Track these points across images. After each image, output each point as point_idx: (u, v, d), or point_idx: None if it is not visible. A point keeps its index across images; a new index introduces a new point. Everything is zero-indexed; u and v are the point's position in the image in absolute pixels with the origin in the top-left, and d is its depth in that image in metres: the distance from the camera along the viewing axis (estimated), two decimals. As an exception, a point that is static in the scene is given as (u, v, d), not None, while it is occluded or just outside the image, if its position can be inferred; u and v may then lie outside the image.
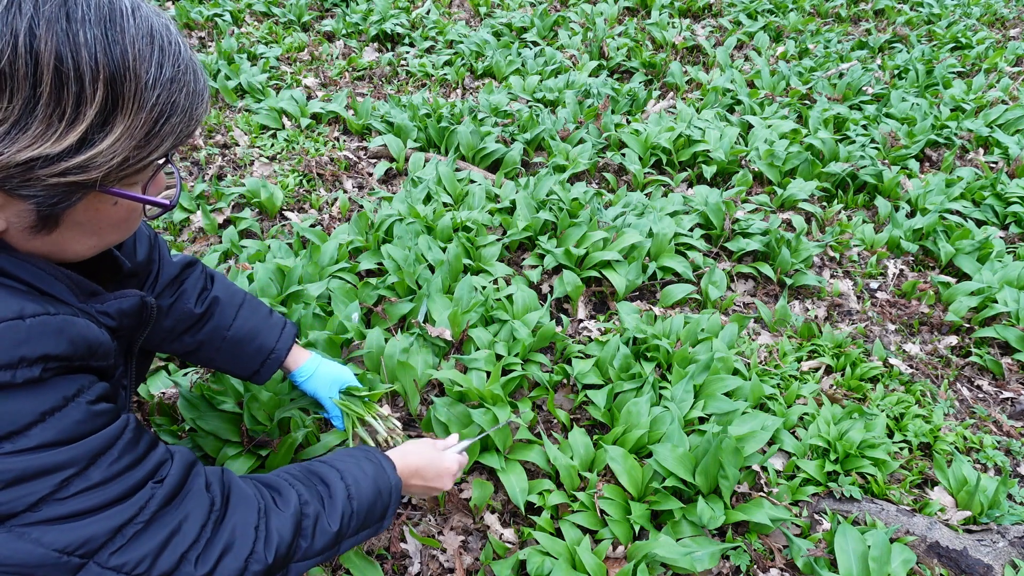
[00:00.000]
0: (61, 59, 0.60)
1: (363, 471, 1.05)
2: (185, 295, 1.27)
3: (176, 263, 1.28)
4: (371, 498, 1.03)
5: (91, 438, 0.74)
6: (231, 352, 1.33)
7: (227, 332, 1.31)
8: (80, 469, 0.73)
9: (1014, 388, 2.14)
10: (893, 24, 4.92)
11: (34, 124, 0.62)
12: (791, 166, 3.04)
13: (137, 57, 0.65)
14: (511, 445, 1.70)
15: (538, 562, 1.44)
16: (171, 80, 0.69)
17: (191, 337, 1.29)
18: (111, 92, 0.64)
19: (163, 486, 0.80)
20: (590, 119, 3.32)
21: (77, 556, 0.72)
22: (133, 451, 0.79)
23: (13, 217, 0.70)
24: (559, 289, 2.24)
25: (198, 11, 4.29)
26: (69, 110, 0.62)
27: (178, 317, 1.26)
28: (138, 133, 0.68)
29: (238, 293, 1.36)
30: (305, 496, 0.95)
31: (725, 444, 1.58)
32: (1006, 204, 2.89)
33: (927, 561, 1.58)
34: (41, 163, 0.63)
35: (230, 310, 1.32)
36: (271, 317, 1.38)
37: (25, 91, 0.60)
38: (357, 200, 2.72)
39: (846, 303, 2.45)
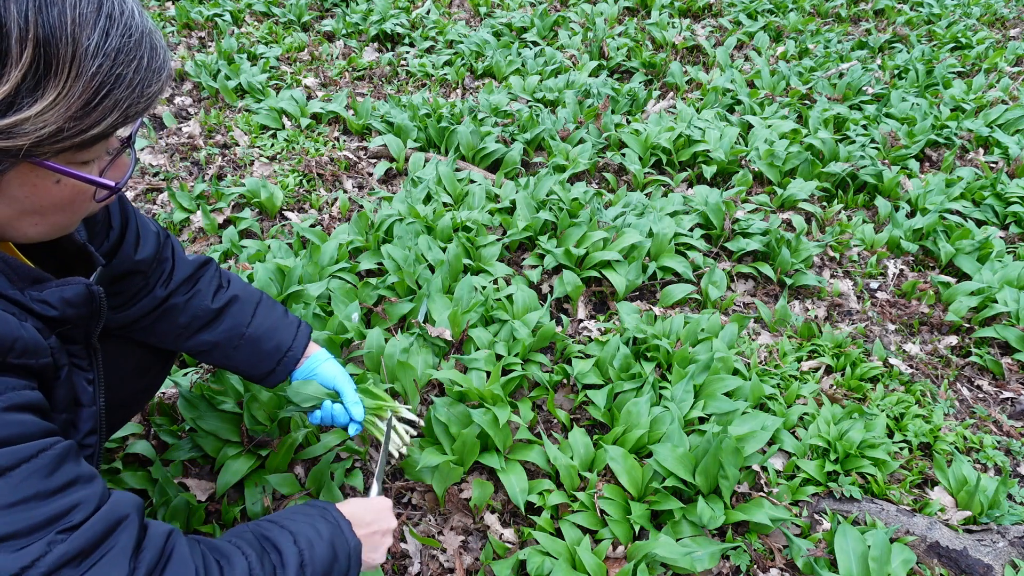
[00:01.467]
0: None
1: (318, 533, 0.94)
2: (200, 293, 1.25)
3: (191, 262, 1.26)
4: (327, 564, 0.91)
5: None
6: (249, 351, 1.29)
7: (245, 330, 1.28)
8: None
9: (1014, 388, 2.14)
10: (893, 24, 4.92)
11: None
12: (791, 166, 3.04)
13: (77, 21, 0.61)
14: (511, 445, 1.70)
15: (538, 562, 1.44)
16: (117, 51, 0.64)
17: (208, 335, 1.26)
18: (43, 55, 0.60)
19: (69, 539, 0.66)
20: (590, 119, 3.32)
21: None
22: (43, 480, 0.66)
23: None
24: (559, 289, 2.24)
25: (198, 11, 4.29)
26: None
27: (194, 314, 1.24)
28: (75, 104, 0.63)
29: (255, 292, 1.34)
30: (256, 569, 0.83)
31: (725, 444, 1.58)
32: (1006, 204, 2.89)
33: (927, 561, 1.58)
34: None
35: (248, 308, 1.29)
36: (287, 316, 1.36)
37: None
38: (357, 200, 2.72)
39: (846, 303, 2.45)
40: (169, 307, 1.22)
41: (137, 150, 0.75)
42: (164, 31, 4.12)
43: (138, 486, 1.52)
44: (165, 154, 2.92)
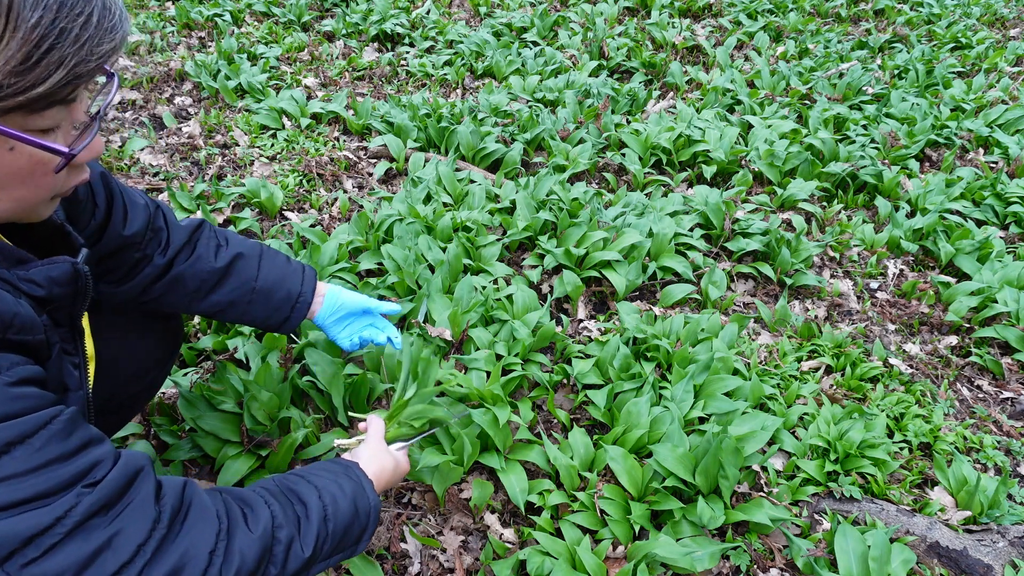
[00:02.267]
0: None
1: (342, 489, 0.98)
2: (201, 257, 1.25)
3: (185, 227, 1.26)
4: (348, 520, 0.96)
5: (7, 423, 0.65)
6: (262, 303, 1.30)
7: (255, 283, 1.29)
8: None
9: (1014, 388, 2.14)
10: (893, 24, 4.92)
11: None
12: (791, 166, 3.04)
13: None
14: (511, 445, 1.70)
15: (538, 562, 1.44)
16: (60, 4, 0.61)
17: (219, 295, 1.27)
18: None
19: (95, 491, 0.69)
20: (590, 119, 3.32)
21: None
22: (61, 443, 0.68)
23: None
24: (559, 289, 2.24)
25: (198, 11, 4.29)
26: None
27: (201, 278, 1.25)
28: (14, 57, 0.60)
29: (256, 245, 1.34)
30: (279, 517, 0.87)
31: (725, 444, 1.58)
32: (1006, 204, 2.89)
33: (927, 561, 1.58)
34: None
35: (252, 262, 1.30)
36: (290, 264, 1.37)
37: None
38: (357, 200, 2.72)
39: (846, 303, 2.45)
40: (175, 276, 1.23)
41: (105, 125, 0.68)
42: (164, 31, 4.12)
43: (138, 486, 1.52)
44: (165, 154, 2.92)
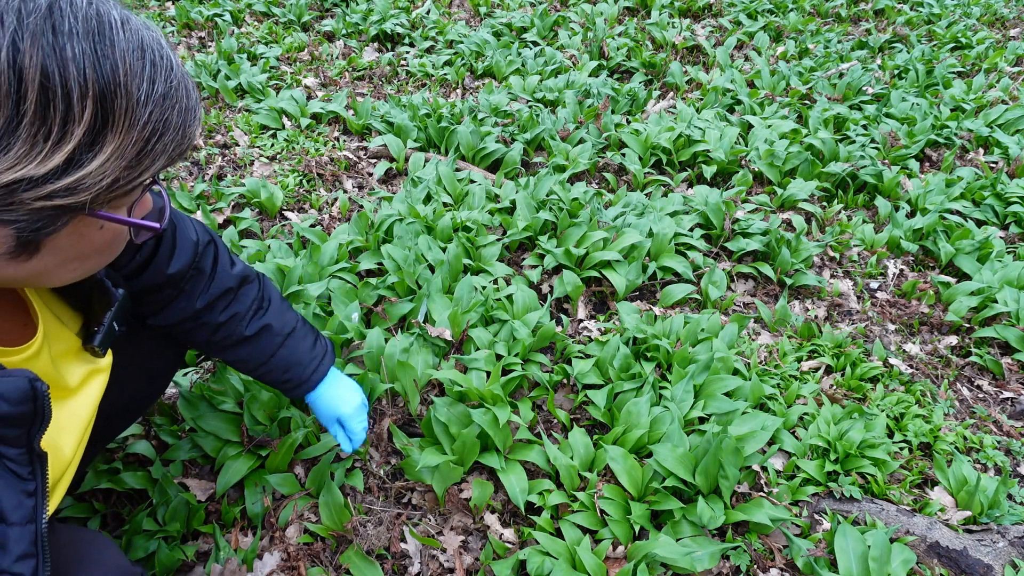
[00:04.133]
0: (47, 75, 0.56)
1: None
2: (237, 317, 1.27)
3: (234, 275, 1.26)
4: None
5: None
6: (267, 375, 1.35)
7: (269, 359, 1.32)
8: None
9: (1014, 388, 2.14)
10: (893, 24, 4.92)
11: (16, 144, 0.56)
12: (791, 166, 3.04)
13: (128, 72, 0.61)
14: (511, 445, 1.70)
15: (538, 562, 1.44)
16: (164, 96, 0.64)
17: (233, 353, 1.31)
18: (100, 109, 0.59)
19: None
20: (590, 119, 3.32)
21: None
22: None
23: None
24: (559, 289, 2.24)
25: (198, 11, 4.29)
26: (55, 129, 0.57)
27: (227, 335, 1.28)
28: (129, 152, 0.63)
29: (291, 320, 1.35)
30: None
31: (725, 444, 1.58)
32: (1006, 204, 2.89)
33: (927, 561, 1.58)
34: (25, 185, 0.58)
35: (278, 339, 1.32)
36: (314, 348, 1.38)
37: (7, 109, 0.55)
38: (357, 200, 2.72)
39: (846, 303, 2.45)
40: (204, 323, 1.25)
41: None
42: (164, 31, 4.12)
43: (138, 486, 1.52)
44: (165, 154, 2.92)
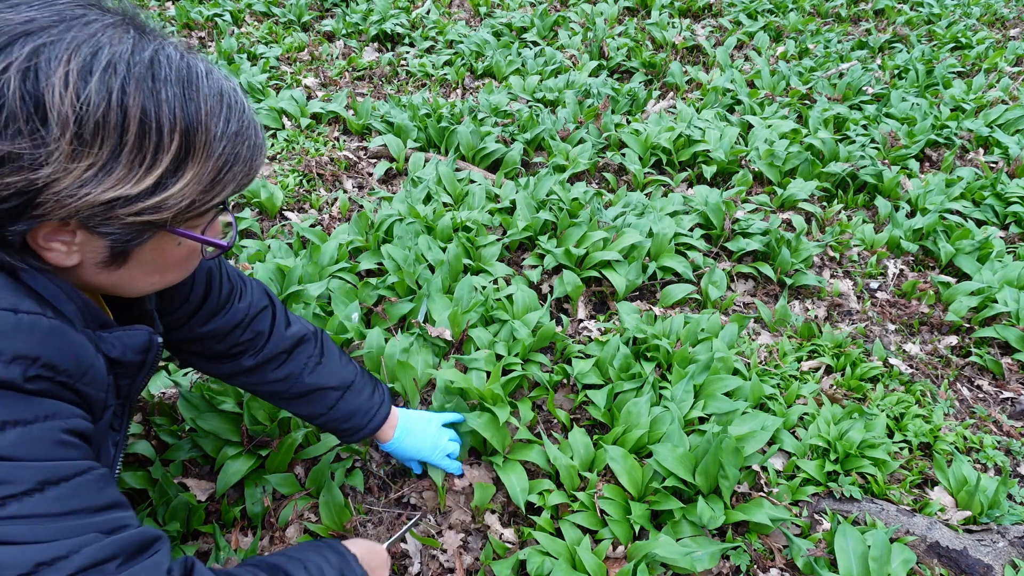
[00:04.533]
0: (146, 113, 0.68)
1: (327, 561, 1.03)
2: (291, 376, 1.32)
3: (289, 336, 1.33)
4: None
5: (47, 464, 0.70)
6: (326, 425, 1.41)
7: (328, 412, 1.38)
8: (22, 492, 0.68)
9: (1014, 388, 2.14)
10: (893, 24, 4.92)
11: (118, 168, 0.69)
12: (791, 166, 3.04)
13: (209, 113, 0.73)
14: (511, 445, 1.70)
15: (538, 562, 1.44)
16: (235, 134, 0.76)
17: (290, 405, 1.38)
18: (185, 142, 0.72)
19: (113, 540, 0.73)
20: (590, 119, 3.32)
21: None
22: (90, 497, 0.74)
23: (88, 253, 0.76)
24: (559, 289, 2.24)
25: (198, 11, 4.29)
26: (148, 156, 0.70)
27: (282, 391, 1.34)
28: (205, 179, 0.75)
29: (349, 375, 1.41)
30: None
31: (725, 444, 1.58)
32: (1006, 204, 2.89)
33: (927, 561, 1.58)
34: (121, 203, 0.70)
35: (337, 394, 1.38)
36: (372, 398, 1.44)
37: (113, 139, 0.67)
38: (357, 200, 2.72)
39: (846, 303, 2.45)
40: (258, 380, 1.32)
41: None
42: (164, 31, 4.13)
43: (138, 486, 1.52)
44: (165, 154, 2.92)
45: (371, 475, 1.69)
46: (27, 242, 0.73)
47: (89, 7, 0.70)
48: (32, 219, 0.69)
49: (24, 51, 0.64)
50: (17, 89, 0.63)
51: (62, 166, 0.66)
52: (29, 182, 0.66)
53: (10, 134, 0.64)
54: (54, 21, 0.66)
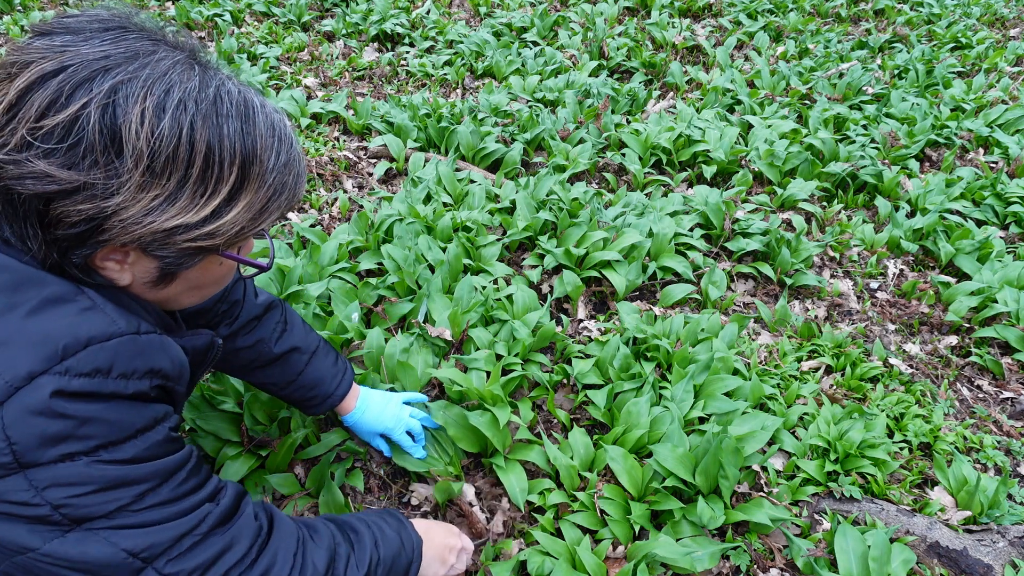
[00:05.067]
0: (210, 148, 0.73)
1: (387, 523, 1.16)
2: (263, 341, 1.37)
3: (259, 304, 1.38)
4: (395, 550, 1.12)
5: (167, 459, 0.82)
6: (294, 393, 1.45)
7: (297, 378, 1.42)
8: (155, 485, 0.80)
9: (1014, 388, 2.14)
10: (893, 24, 4.92)
11: (182, 198, 0.73)
12: (791, 166, 3.04)
13: (263, 147, 0.78)
14: (511, 445, 1.70)
15: (538, 562, 1.44)
16: (284, 165, 0.82)
17: (263, 376, 1.41)
18: (241, 173, 0.77)
19: (218, 507, 0.88)
20: (590, 119, 3.32)
21: (140, 559, 0.79)
22: (197, 475, 0.87)
23: (140, 272, 0.81)
24: (559, 289, 2.24)
25: (198, 11, 4.29)
26: (210, 187, 0.75)
27: (254, 358, 1.38)
28: (255, 207, 0.80)
29: (313, 340, 1.47)
30: (338, 536, 1.04)
31: (725, 444, 1.58)
32: (1006, 204, 2.89)
33: (927, 561, 1.58)
34: (180, 230, 0.75)
35: (304, 357, 1.43)
36: (336, 364, 1.49)
37: (180, 172, 0.72)
38: (357, 200, 2.72)
39: (846, 303, 2.45)
40: (232, 349, 1.35)
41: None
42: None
43: (138, 486, 1.52)
44: (165, 154, 2.92)
45: (371, 475, 1.69)
46: (87, 262, 0.77)
47: (157, 42, 0.75)
48: (98, 243, 0.74)
49: (104, 87, 0.68)
50: (96, 123, 0.68)
51: (131, 195, 0.71)
52: (100, 209, 0.70)
53: (87, 164, 0.69)
54: (128, 57, 0.71)
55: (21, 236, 0.73)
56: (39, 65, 0.68)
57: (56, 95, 0.67)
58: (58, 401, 0.70)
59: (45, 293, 0.74)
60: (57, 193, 0.69)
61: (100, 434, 0.74)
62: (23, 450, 0.70)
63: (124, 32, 0.73)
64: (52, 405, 0.70)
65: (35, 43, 0.71)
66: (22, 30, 4.01)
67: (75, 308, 0.75)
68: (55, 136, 0.68)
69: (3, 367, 0.69)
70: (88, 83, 0.68)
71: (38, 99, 0.67)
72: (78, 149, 0.68)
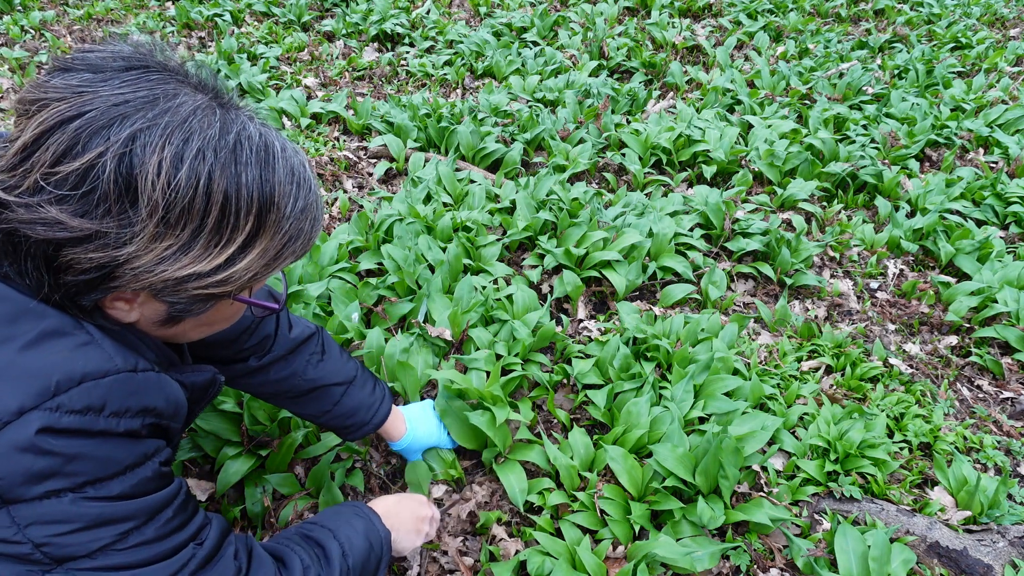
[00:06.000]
0: (228, 198, 0.71)
1: (354, 528, 1.14)
2: (295, 374, 1.35)
3: (293, 338, 1.35)
4: (364, 554, 1.12)
5: (154, 496, 0.80)
6: (331, 422, 1.43)
7: (333, 408, 1.40)
8: (140, 524, 0.78)
9: (1014, 388, 2.14)
10: (893, 24, 4.92)
11: (196, 248, 0.71)
12: (791, 166, 3.04)
13: (282, 194, 0.76)
14: (511, 445, 1.70)
15: (538, 562, 1.44)
16: (302, 211, 0.79)
17: (296, 403, 1.40)
18: (257, 221, 0.74)
19: (203, 548, 0.86)
20: (590, 119, 3.32)
21: None
22: (183, 512, 0.86)
23: (148, 312, 0.80)
24: (559, 289, 2.24)
25: (198, 11, 4.29)
26: (225, 237, 0.73)
27: (286, 390, 1.37)
28: (270, 254, 0.78)
29: (350, 369, 1.43)
30: (307, 561, 1.02)
31: (725, 444, 1.58)
32: (1006, 204, 2.89)
33: (927, 561, 1.58)
34: (192, 278, 0.73)
35: (340, 389, 1.41)
36: (373, 393, 1.47)
37: (195, 222, 0.70)
38: (357, 200, 2.72)
39: (846, 303, 2.45)
40: (263, 380, 1.34)
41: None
42: (164, 31, 4.13)
43: (138, 486, 1.52)
44: (165, 154, 2.92)
45: (371, 475, 1.69)
46: (95, 304, 0.76)
47: (179, 83, 0.72)
48: (108, 290, 0.73)
49: (121, 136, 0.66)
50: (112, 173, 0.66)
51: (144, 245, 0.69)
52: (111, 258, 0.69)
53: (100, 213, 0.67)
54: (147, 102, 0.69)
55: (20, 273, 0.72)
56: (56, 108, 0.67)
57: (73, 142, 0.66)
58: (45, 438, 0.69)
59: (43, 326, 0.73)
60: (68, 240, 0.68)
61: (87, 471, 0.73)
62: (7, 486, 0.69)
63: (146, 72, 0.72)
64: (38, 442, 0.69)
65: (54, 80, 0.69)
66: (22, 30, 4.01)
67: (72, 343, 0.74)
68: (69, 183, 0.66)
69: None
70: (106, 130, 0.66)
71: (54, 144, 0.66)
72: (92, 197, 0.67)
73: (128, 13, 4.42)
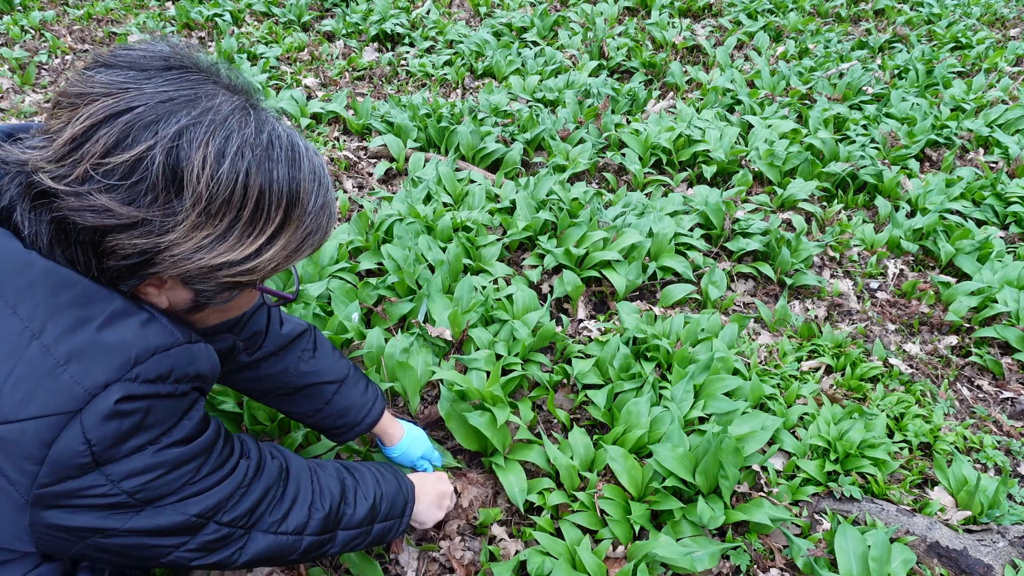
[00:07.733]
0: (262, 191, 0.78)
1: (385, 468, 1.29)
2: (286, 371, 1.38)
3: (285, 334, 1.38)
4: (394, 489, 1.25)
5: (207, 433, 0.91)
6: (322, 422, 1.44)
7: (324, 407, 1.42)
8: (205, 457, 0.90)
9: (1014, 388, 2.14)
10: (893, 24, 4.92)
11: (231, 238, 0.78)
12: (791, 166, 3.04)
13: (306, 190, 0.83)
14: (511, 445, 1.70)
15: (538, 562, 1.44)
16: (321, 208, 0.86)
17: (288, 401, 1.42)
18: (284, 215, 0.81)
19: (251, 460, 1.00)
20: (590, 119, 3.32)
21: (204, 518, 0.91)
22: (230, 442, 0.98)
23: (175, 299, 0.86)
24: (559, 289, 2.24)
25: (198, 11, 4.29)
26: (256, 228, 0.79)
27: (277, 387, 1.39)
28: (292, 246, 0.84)
29: (342, 368, 1.45)
30: (343, 471, 1.17)
31: (725, 444, 1.58)
32: (1006, 204, 2.89)
33: (927, 561, 1.58)
34: (224, 266, 0.80)
35: (332, 387, 1.43)
36: (365, 393, 1.48)
37: (232, 214, 0.77)
38: (357, 200, 2.72)
39: (846, 303, 2.45)
40: (254, 376, 1.35)
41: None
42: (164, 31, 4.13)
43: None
44: (165, 154, 2.92)
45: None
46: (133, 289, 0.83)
47: (216, 84, 0.78)
48: (146, 275, 0.79)
49: (169, 131, 0.72)
50: (161, 165, 0.71)
51: (185, 233, 0.75)
52: (154, 244, 0.75)
53: (147, 202, 0.72)
54: (190, 100, 0.74)
55: (71, 260, 0.77)
56: (104, 102, 0.71)
57: (123, 135, 0.71)
58: (124, 404, 0.77)
59: (113, 306, 0.79)
60: (115, 227, 0.73)
61: (159, 423, 0.82)
62: (101, 450, 0.77)
63: (185, 72, 0.77)
64: (119, 408, 0.77)
65: (98, 76, 0.73)
66: (22, 30, 4.01)
67: (138, 320, 0.81)
68: (118, 173, 0.71)
69: (82, 376, 0.75)
70: (154, 125, 0.71)
71: (104, 136, 0.70)
72: (140, 187, 0.72)
73: (128, 13, 4.42)
